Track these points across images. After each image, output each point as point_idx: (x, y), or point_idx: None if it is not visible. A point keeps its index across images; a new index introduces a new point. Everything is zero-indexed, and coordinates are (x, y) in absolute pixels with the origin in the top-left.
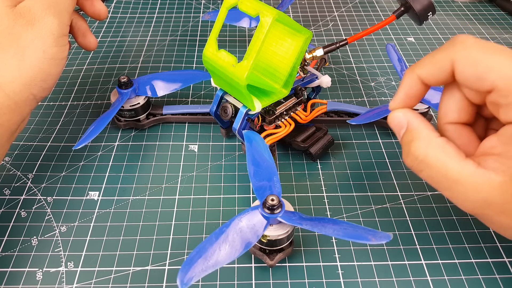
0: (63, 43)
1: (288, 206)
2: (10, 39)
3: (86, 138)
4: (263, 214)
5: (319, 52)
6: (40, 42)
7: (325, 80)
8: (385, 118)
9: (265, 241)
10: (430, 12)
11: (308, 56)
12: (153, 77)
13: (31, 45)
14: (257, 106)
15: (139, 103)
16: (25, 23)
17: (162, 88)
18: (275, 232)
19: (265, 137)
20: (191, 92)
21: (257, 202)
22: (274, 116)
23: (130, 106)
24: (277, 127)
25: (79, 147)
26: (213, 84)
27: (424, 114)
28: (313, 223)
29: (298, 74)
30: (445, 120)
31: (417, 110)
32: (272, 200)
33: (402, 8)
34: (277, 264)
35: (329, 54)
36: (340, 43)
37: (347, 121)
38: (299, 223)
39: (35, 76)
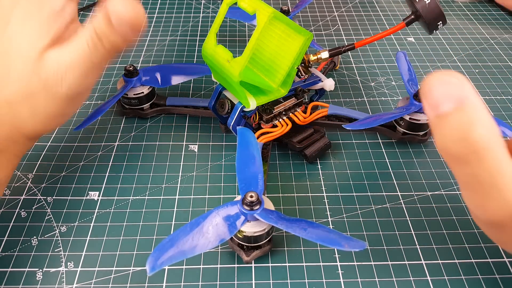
0: None
1: (269, 205)
2: None
3: (87, 121)
4: (241, 209)
5: (324, 55)
6: None
7: (328, 84)
8: (382, 125)
9: (241, 236)
10: (440, 22)
11: (312, 58)
12: (158, 68)
13: None
14: (252, 103)
15: (143, 92)
16: None
17: (166, 79)
18: (251, 229)
19: (259, 135)
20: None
21: (238, 197)
22: (272, 115)
23: (134, 94)
24: (274, 126)
25: (78, 130)
26: (213, 78)
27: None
28: (287, 224)
29: (301, 75)
30: None
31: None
32: (251, 196)
33: (413, 16)
34: (277, 264)
35: (340, 58)
36: (347, 47)
37: (342, 125)
38: (275, 222)
39: None
